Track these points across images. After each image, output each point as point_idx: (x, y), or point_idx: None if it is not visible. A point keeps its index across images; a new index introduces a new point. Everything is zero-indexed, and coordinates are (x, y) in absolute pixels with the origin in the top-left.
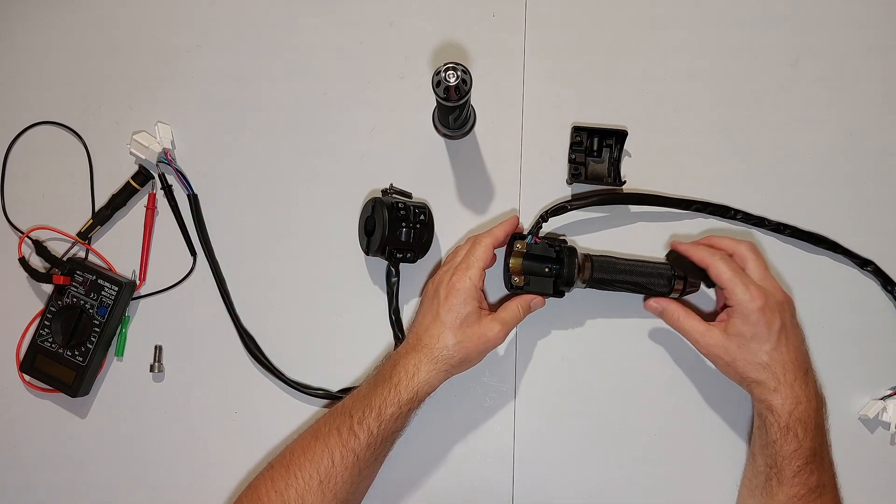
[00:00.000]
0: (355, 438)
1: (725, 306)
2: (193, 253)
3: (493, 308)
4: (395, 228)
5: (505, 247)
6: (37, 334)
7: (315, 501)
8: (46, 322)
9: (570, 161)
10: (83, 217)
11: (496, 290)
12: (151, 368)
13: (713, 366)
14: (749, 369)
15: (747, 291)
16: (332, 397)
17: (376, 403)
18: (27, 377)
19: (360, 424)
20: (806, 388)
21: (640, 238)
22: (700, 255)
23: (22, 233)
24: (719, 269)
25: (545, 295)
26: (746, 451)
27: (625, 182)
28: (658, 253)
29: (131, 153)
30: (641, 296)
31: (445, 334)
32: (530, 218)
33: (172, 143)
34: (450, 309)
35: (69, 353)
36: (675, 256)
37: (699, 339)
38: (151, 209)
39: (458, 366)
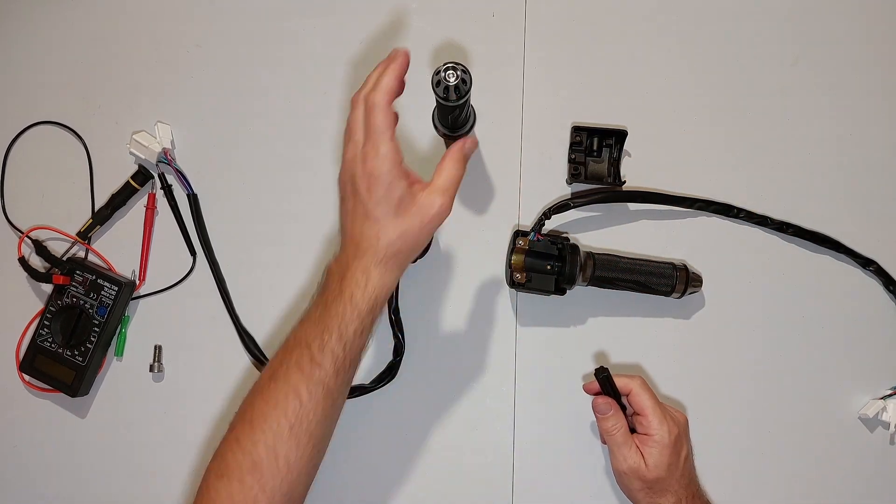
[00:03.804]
0: (320, 369)
1: (633, 430)
2: (193, 253)
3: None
4: None
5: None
6: (36, 334)
7: (289, 449)
8: (46, 322)
9: (570, 161)
10: (83, 217)
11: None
12: (151, 368)
13: (617, 481)
14: (660, 495)
15: (664, 423)
16: None
17: (334, 325)
18: (27, 377)
19: (321, 352)
20: (701, 499)
21: (642, 237)
22: (622, 381)
23: (22, 233)
24: (642, 396)
25: (547, 293)
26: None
27: (625, 182)
28: (660, 252)
29: (131, 153)
30: (644, 295)
31: (384, 231)
32: (530, 218)
33: (172, 142)
34: (377, 202)
35: (69, 353)
36: (604, 376)
37: (625, 461)
38: (151, 209)
39: (409, 256)
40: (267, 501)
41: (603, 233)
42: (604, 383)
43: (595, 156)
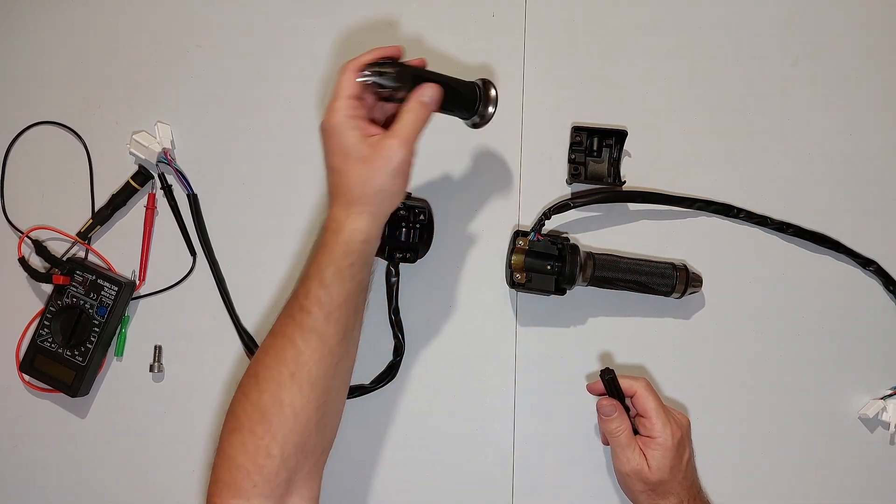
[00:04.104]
0: (309, 315)
1: (636, 431)
2: (193, 253)
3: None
4: (395, 228)
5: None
6: (36, 334)
7: (293, 397)
8: (46, 322)
9: (570, 161)
10: (83, 217)
11: None
12: (151, 368)
13: (620, 485)
14: (662, 499)
15: (668, 426)
16: None
17: (315, 273)
18: (27, 377)
19: (307, 299)
20: (698, 500)
21: (642, 237)
22: (626, 382)
23: (22, 233)
24: (646, 398)
25: (547, 293)
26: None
27: (625, 182)
28: (660, 252)
29: (131, 153)
30: (644, 295)
31: (345, 178)
32: (530, 218)
33: (172, 142)
34: (332, 152)
35: (69, 353)
36: (610, 377)
37: (628, 463)
38: (151, 209)
39: (378, 201)
40: (279, 449)
41: (603, 233)
42: (609, 385)
43: (595, 156)
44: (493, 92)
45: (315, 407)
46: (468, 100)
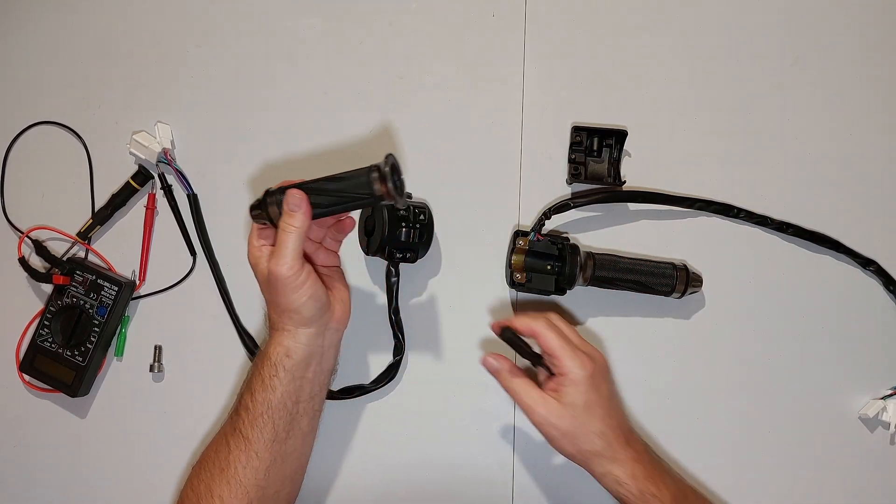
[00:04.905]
0: (238, 418)
1: (550, 377)
2: (193, 253)
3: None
4: (395, 228)
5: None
6: (36, 334)
7: (222, 489)
8: (46, 322)
9: (570, 161)
10: (83, 217)
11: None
12: (151, 368)
13: (544, 439)
14: (586, 440)
15: (576, 358)
16: (332, 397)
17: (247, 381)
18: (27, 377)
19: (239, 403)
20: (636, 443)
21: (642, 237)
22: (525, 325)
23: (22, 233)
24: (547, 336)
25: (547, 293)
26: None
27: (625, 182)
28: (660, 252)
29: (131, 153)
30: (644, 295)
31: (265, 300)
32: (530, 218)
33: (172, 142)
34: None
35: (69, 353)
36: (508, 335)
37: (535, 408)
38: (151, 209)
39: (286, 319)
40: None
41: (603, 233)
42: (512, 343)
43: (595, 156)
44: (385, 169)
45: (245, 502)
46: (359, 187)
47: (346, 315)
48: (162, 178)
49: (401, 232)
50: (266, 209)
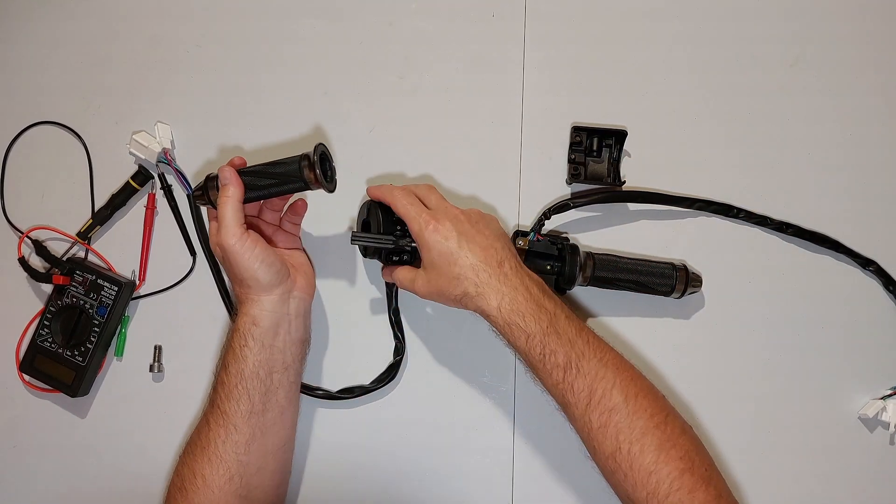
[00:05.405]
0: (215, 393)
1: None
2: (193, 253)
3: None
4: (391, 231)
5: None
6: (36, 334)
7: (204, 467)
8: (46, 322)
9: (570, 161)
10: (83, 217)
11: None
12: (151, 368)
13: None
14: (450, 287)
15: (419, 218)
16: (332, 397)
17: (220, 356)
18: (27, 377)
19: (217, 380)
20: (506, 279)
21: (642, 237)
22: (381, 193)
23: (22, 233)
24: (398, 201)
25: None
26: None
27: (624, 182)
28: (660, 252)
29: (131, 153)
30: (644, 295)
31: None
32: (530, 218)
33: (172, 142)
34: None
35: (69, 353)
36: (367, 207)
37: (411, 286)
38: (151, 209)
39: (246, 287)
40: None
41: (603, 233)
42: (369, 214)
43: (595, 156)
44: (314, 158)
45: (227, 478)
46: (291, 173)
47: (309, 286)
48: (162, 178)
49: (396, 236)
50: (207, 193)
